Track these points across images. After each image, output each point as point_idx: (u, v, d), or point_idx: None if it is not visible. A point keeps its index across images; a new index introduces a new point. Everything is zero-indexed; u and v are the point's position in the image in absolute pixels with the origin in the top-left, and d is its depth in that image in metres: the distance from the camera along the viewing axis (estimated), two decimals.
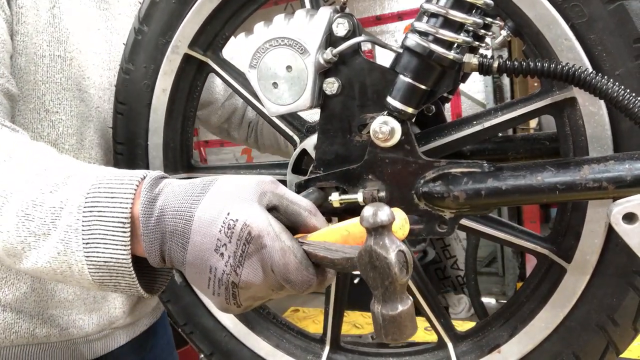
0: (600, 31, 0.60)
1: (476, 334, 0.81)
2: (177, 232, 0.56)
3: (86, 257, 0.58)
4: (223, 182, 0.57)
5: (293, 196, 0.59)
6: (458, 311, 4.06)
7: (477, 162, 0.65)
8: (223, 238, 0.53)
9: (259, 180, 0.57)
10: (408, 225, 0.55)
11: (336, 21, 0.65)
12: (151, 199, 0.58)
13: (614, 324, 0.68)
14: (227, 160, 5.04)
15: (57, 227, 0.59)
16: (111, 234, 0.58)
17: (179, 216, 0.56)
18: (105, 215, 0.58)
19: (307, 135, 0.81)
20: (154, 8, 0.81)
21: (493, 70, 0.62)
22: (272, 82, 0.67)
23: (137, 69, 0.84)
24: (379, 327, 0.50)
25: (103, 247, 0.58)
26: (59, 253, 0.59)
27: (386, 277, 0.48)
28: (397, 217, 0.53)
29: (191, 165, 0.91)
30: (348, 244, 0.55)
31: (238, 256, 0.53)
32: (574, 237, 0.69)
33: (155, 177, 0.60)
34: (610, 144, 0.63)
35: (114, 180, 0.60)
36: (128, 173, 0.61)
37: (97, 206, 0.58)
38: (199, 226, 0.55)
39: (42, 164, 0.63)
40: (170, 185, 0.59)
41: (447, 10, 0.59)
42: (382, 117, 0.64)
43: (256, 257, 0.53)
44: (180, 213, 0.56)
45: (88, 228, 0.58)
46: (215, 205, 0.54)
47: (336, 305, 0.88)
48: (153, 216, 0.57)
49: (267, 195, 0.56)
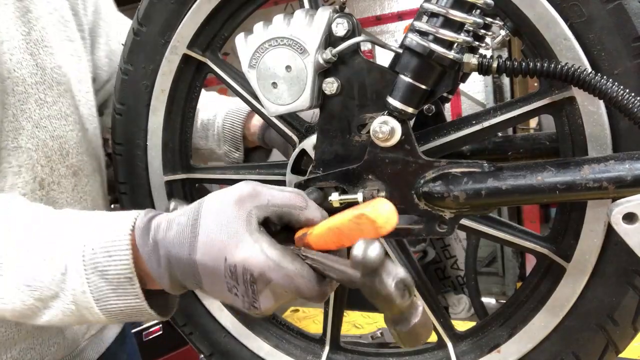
0: (599, 30, 0.60)
1: (476, 333, 0.81)
2: (188, 276, 0.58)
3: (101, 310, 0.61)
4: (206, 214, 0.57)
5: (278, 199, 0.58)
6: (458, 311, 4.06)
7: (477, 162, 0.65)
8: (231, 282, 0.55)
9: (238, 198, 0.56)
10: (395, 218, 0.54)
11: (335, 21, 0.65)
12: (151, 250, 0.59)
13: (614, 323, 0.68)
14: None
15: (64, 291, 0.61)
16: (121, 289, 0.60)
17: (183, 264, 0.57)
18: (109, 274, 0.59)
19: (306, 136, 0.81)
20: (153, 8, 0.81)
21: (492, 70, 0.62)
22: (272, 82, 0.67)
23: (136, 70, 0.84)
24: (397, 339, 0.51)
25: (115, 300, 0.60)
26: (72, 311, 0.62)
27: (391, 305, 0.49)
28: (383, 209, 0.53)
29: (190, 165, 0.91)
30: (349, 233, 0.54)
31: (250, 294, 0.55)
32: (574, 236, 0.69)
33: (144, 224, 0.60)
34: (609, 143, 0.63)
35: (105, 237, 0.60)
36: (114, 225, 0.61)
37: (98, 267, 0.59)
38: (205, 272, 0.57)
39: (23, 228, 0.63)
40: (160, 229, 0.59)
41: (447, 10, 0.59)
42: (382, 117, 0.64)
43: (267, 290, 0.55)
44: (183, 261, 0.57)
45: (95, 288, 0.60)
46: (211, 252, 0.55)
47: (336, 306, 0.88)
48: (161, 266, 0.59)
49: (252, 214, 0.56)
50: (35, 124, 0.84)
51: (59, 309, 0.61)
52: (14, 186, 0.82)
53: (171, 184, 0.90)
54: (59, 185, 0.89)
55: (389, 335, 1.58)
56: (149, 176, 0.89)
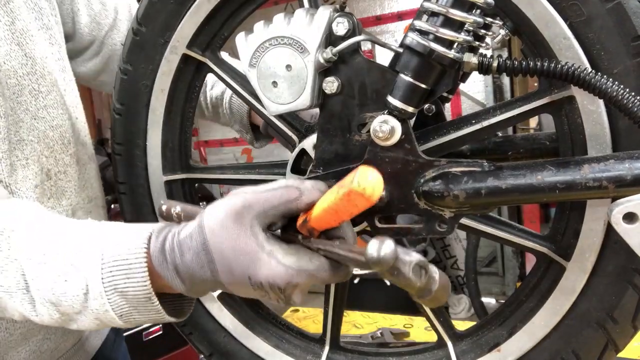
0: (598, 30, 0.60)
1: (476, 332, 0.81)
2: (217, 289, 0.61)
3: (125, 322, 0.63)
4: (211, 237, 0.57)
5: (272, 200, 0.58)
6: (458, 311, 4.06)
7: (477, 162, 0.65)
8: (261, 292, 0.58)
9: (234, 214, 0.57)
10: (381, 183, 0.56)
11: (336, 20, 0.65)
12: (174, 275, 0.60)
13: (614, 322, 0.68)
14: (226, 160, 5.04)
15: (87, 309, 0.62)
16: (142, 307, 0.62)
17: (210, 283, 0.59)
18: (129, 295, 0.61)
19: (305, 135, 0.81)
20: (152, 8, 0.81)
21: (493, 69, 0.62)
22: (272, 81, 0.67)
23: (135, 70, 0.84)
24: (422, 304, 0.57)
25: (137, 315, 0.63)
26: (98, 325, 0.64)
27: (412, 287, 0.52)
28: (367, 180, 0.54)
29: (190, 165, 0.91)
30: (345, 209, 0.56)
31: (282, 298, 0.58)
32: (573, 235, 0.69)
33: (159, 249, 0.61)
34: (609, 142, 0.63)
35: (122, 258, 0.61)
36: (128, 244, 0.62)
37: (118, 288, 0.61)
38: (234, 287, 0.59)
39: (40, 242, 0.64)
40: (174, 253, 0.60)
41: (448, 9, 0.59)
42: (382, 116, 0.64)
43: (297, 290, 0.58)
44: (209, 282, 0.59)
45: (117, 306, 0.62)
46: (233, 275, 0.57)
47: (336, 305, 0.88)
48: (186, 285, 0.60)
49: (254, 226, 0.57)
50: (33, 115, 0.84)
51: (85, 321, 0.64)
52: (26, 178, 0.82)
53: (171, 183, 0.90)
54: (66, 174, 0.90)
55: (389, 335, 1.58)
56: (149, 176, 0.89)
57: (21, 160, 0.81)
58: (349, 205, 0.55)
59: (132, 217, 0.91)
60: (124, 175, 0.90)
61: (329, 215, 0.58)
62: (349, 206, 0.55)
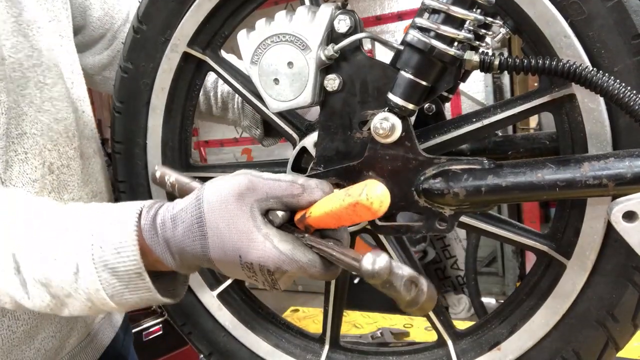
0: (599, 28, 0.60)
1: (476, 331, 0.81)
2: (205, 264, 0.61)
3: (116, 304, 0.62)
4: (208, 210, 0.58)
5: (276, 190, 0.59)
6: (458, 311, 4.06)
7: (477, 159, 0.65)
8: (249, 273, 0.58)
9: (238, 193, 0.58)
10: (388, 199, 0.57)
11: (337, 18, 0.65)
12: (164, 249, 0.60)
13: (614, 320, 0.68)
14: (226, 159, 5.05)
15: (78, 290, 0.62)
16: (132, 284, 0.61)
17: (199, 258, 0.59)
18: (120, 271, 0.60)
19: (306, 133, 0.81)
20: (153, 6, 0.81)
21: (494, 67, 0.62)
22: (273, 78, 0.67)
23: (136, 68, 0.84)
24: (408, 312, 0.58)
25: (128, 294, 0.62)
26: (90, 307, 0.63)
27: (402, 300, 0.55)
28: (375, 194, 0.56)
29: (190, 164, 0.91)
30: (348, 217, 0.57)
31: (270, 281, 0.58)
32: (574, 233, 0.69)
33: (150, 223, 0.61)
34: (609, 140, 0.63)
35: (112, 235, 0.60)
36: (119, 220, 0.61)
37: (108, 265, 0.60)
38: (221, 265, 0.59)
39: (29, 224, 0.64)
40: (166, 227, 0.60)
41: (449, 7, 0.59)
42: (383, 113, 0.64)
43: (285, 277, 0.58)
44: (199, 256, 0.59)
45: (108, 285, 0.61)
46: (225, 251, 0.57)
47: (336, 305, 0.88)
48: (176, 260, 0.61)
49: (255, 208, 0.58)
50: (37, 108, 0.83)
51: (76, 305, 0.63)
52: (22, 174, 0.81)
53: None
54: (69, 168, 0.89)
55: (389, 335, 1.58)
56: (149, 175, 0.89)
57: (20, 154, 0.81)
58: (353, 215, 0.57)
59: None
60: (123, 173, 0.90)
61: (331, 219, 0.59)
62: (353, 215, 0.57)
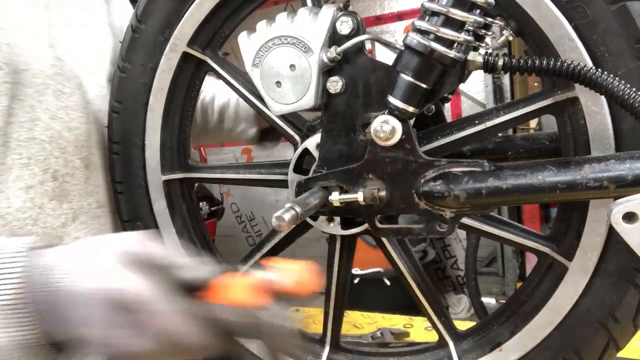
0: (603, 32, 0.60)
1: (477, 332, 0.81)
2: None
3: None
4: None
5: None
6: (458, 311, 4.06)
7: (478, 162, 0.65)
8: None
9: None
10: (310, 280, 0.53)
11: (340, 19, 0.64)
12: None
13: (615, 321, 0.68)
14: (226, 160, 5.04)
15: None
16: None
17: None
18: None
19: (308, 135, 0.80)
20: (152, 5, 0.80)
21: (498, 67, 0.61)
22: (276, 80, 0.66)
23: (134, 68, 0.84)
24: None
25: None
26: None
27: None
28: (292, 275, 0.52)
29: (189, 165, 0.90)
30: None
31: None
32: (575, 235, 0.69)
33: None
34: (612, 143, 0.63)
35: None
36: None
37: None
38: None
39: None
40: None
41: (448, 9, 0.59)
42: (383, 116, 0.64)
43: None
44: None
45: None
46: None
47: (336, 306, 0.88)
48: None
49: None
50: (51, 115, 0.83)
51: None
52: (19, 179, 0.80)
53: (169, 183, 0.89)
54: (73, 177, 0.88)
55: (389, 335, 1.58)
56: (147, 176, 0.88)
57: (23, 159, 0.80)
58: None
59: (130, 217, 0.91)
60: (121, 174, 0.90)
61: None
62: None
